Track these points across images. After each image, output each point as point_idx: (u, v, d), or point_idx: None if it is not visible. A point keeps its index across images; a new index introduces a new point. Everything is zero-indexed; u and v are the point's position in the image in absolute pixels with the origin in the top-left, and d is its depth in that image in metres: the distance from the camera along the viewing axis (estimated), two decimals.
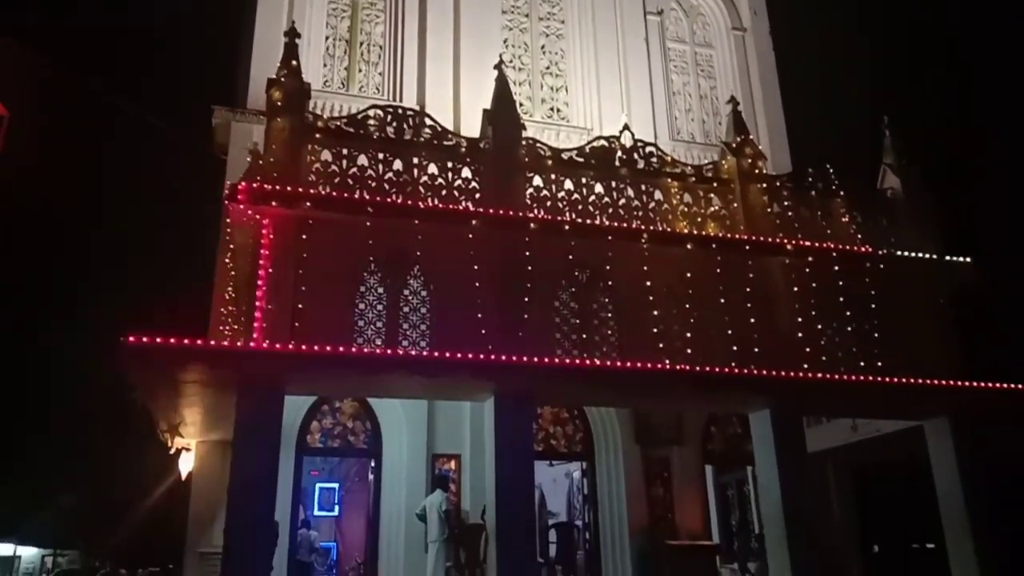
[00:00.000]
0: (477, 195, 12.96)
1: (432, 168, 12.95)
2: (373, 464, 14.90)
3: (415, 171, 12.86)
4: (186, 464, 14.81)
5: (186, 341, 10.21)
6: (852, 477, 17.07)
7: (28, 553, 32.22)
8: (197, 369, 10.36)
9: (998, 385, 13.47)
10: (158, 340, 10.06)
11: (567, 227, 12.99)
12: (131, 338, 10.00)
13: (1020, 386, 13.52)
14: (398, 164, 12.84)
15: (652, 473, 15.66)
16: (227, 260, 13.05)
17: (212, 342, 11.04)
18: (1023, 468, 15.98)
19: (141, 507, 24.88)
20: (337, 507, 21.81)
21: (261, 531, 10.51)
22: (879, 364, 13.91)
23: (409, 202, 12.44)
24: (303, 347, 10.66)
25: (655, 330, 12.99)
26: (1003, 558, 13.21)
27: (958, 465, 13.63)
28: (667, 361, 12.48)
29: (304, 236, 11.92)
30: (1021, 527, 14.49)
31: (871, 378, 13.30)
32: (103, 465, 26.78)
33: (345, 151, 12.61)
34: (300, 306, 11.57)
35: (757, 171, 14.70)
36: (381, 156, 12.76)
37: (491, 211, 12.65)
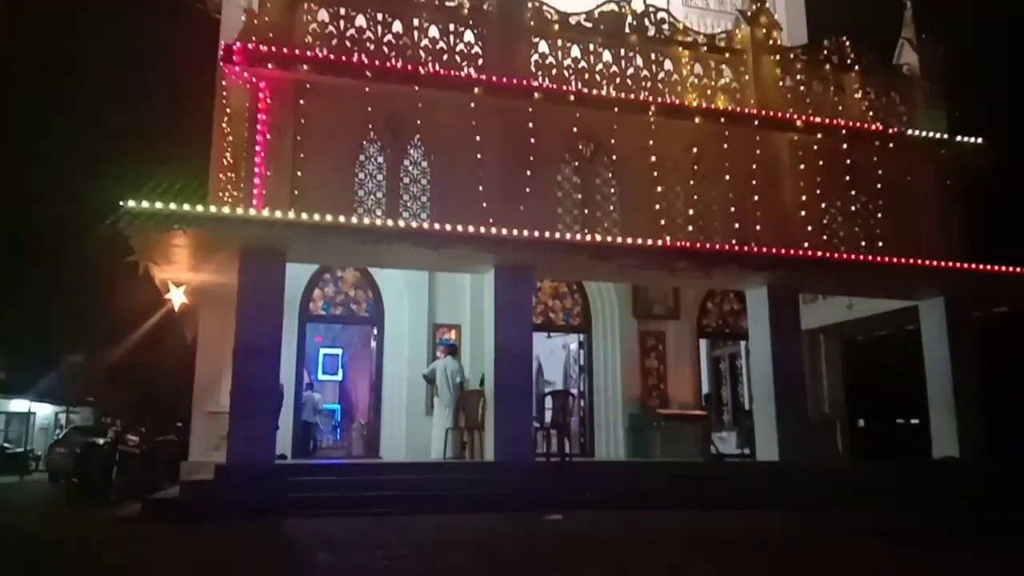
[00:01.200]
0: (480, 61, 12.56)
1: (433, 31, 12.48)
2: (376, 332, 15.18)
3: (415, 34, 12.40)
4: (191, 328, 15.09)
5: (186, 207, 10.16)
6: (843, 354, 17.47)
7: (43, 411, 33.45)
8: (198, 235, 10.36)
9: (995, 268, 13.53)
10: (158, 205, 10.03)
11: (572, 97, 12.66)
12: (131, 203, 9.96)
13: (1017, 269, 13.58)
14: (397, 26, 12.37)
15: (647, 346, 16.00)
16: (224, 126, 12.81)
17: (212, 208, 10.95)
18: (1012, 349, 16.33)
19: (148, 367, 25.63)
20: (341, 372, 22.49)
21: (266, 393, 10.83)
22: (880, 244, 13.93)
23: (409, 67, 12.07)
24: (304, 216, 10.62)
25: (657, 206, 12.90)
26: (981, 434, 13.71)
27: (949, 344, 13.91)
28: (668, 238, 12.46)
29: (302, 101, 11.65)
30: (1001, 406, 14.96)
31: (871, 258, 13.32)
32: (110, 327, 27.35)
33: (342, 11, 12.13)
34: (299, 174, 11.46)
35: (771, 42, 14.19)
36: (380, 17, 12.28)
37: (494, 79, 12.29)
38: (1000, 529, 8.88)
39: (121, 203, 10.00)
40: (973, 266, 13.48)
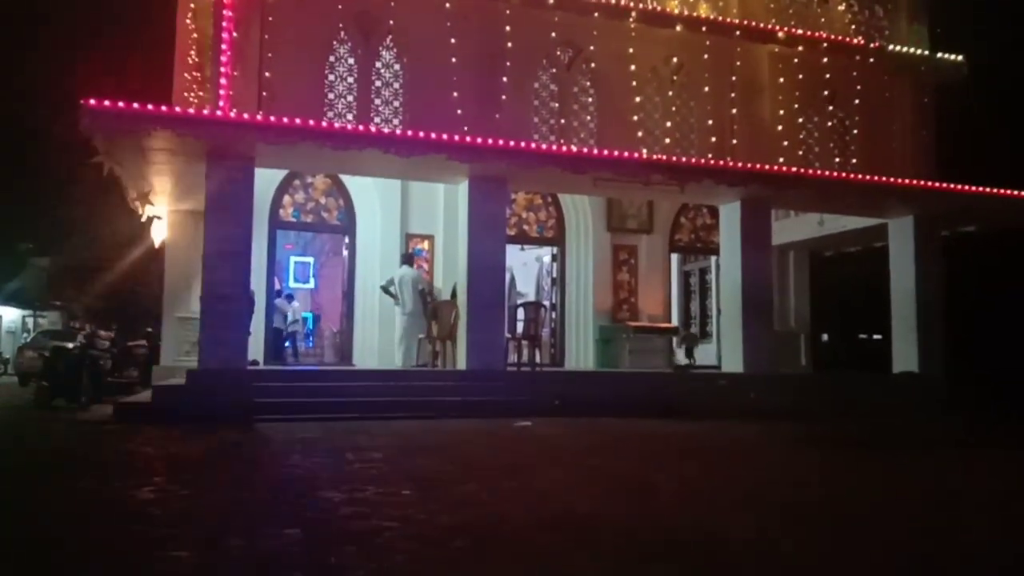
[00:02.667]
0: None
1: None
2: (347, 240, 15.05)
3: None
4: (159, 232, 14.83)
5: (150, 106, 9.82)
6: (811, 269, 17.72)
7: (10, 315, 33.10)
8: (163, 136, 10.04)
9: (966, 188, 13.65)
10: (121, 104, 9.67)
11: (551, 0, 12.27)
12: (92, 101, 9.59)
13: (987, 189, 13.72)
14: None
15: (619, 259, 16.07)
16: (188, 21, 12.26)
17: (178, 108, 10.59)
18: (976, 268, 16.67)
19: (116, 272, 25.28)
20: (313, 280, 22.41)
21: (237, 298, 10.76)
22: (854, 161, 13.97)
23: None
24: (272, 118, 10.33)
25: (635, 117, 12.77)
26: (941, 350, 14.12)
27: (915, 263, 14.14)
28: (644, 150, 12.37)
29: None
30: (963, 323, 15.37)
31: (844, 175, 13.36)
32: (76, 230, 26.84)
33: None
34: (267, 74, 11.11)
35: None
36: None
37: None
38: (943, 438, 9.25)
39: (82, 102, 9.63)
40: (944, 185, 13.59)
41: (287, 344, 17.82)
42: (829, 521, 4.35)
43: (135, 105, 9.70)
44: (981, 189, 13.67)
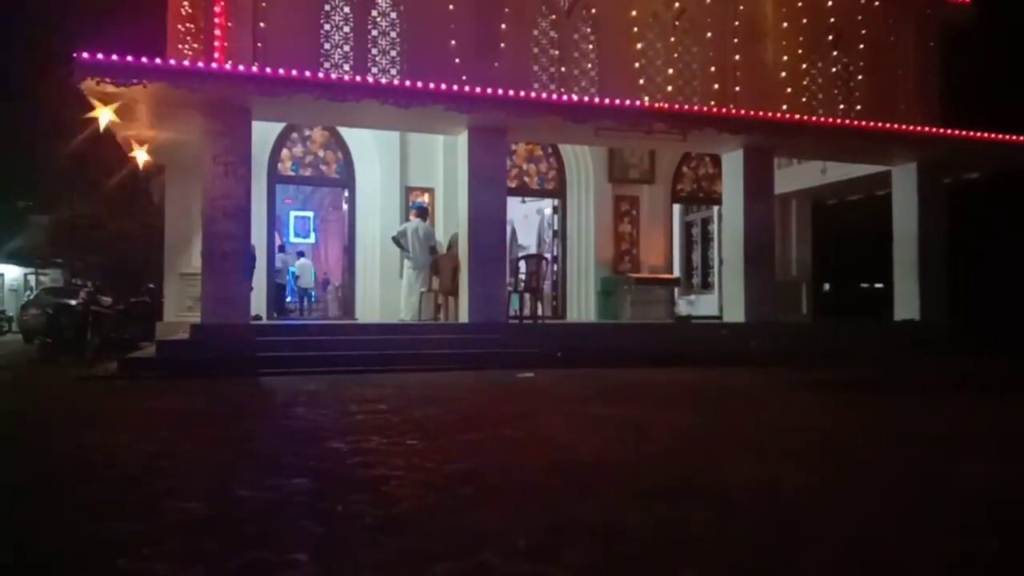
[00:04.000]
0: None
1: None
2: (347, 194, 14.96)
3: None
4: (158, 187, 14.75)
5: (144, 59, 9.67)
6: (813, 218, 17.65)
7: (12, 273, 33.12)
8: (158, 88, 9.91)
9: (969, 133, 13.51)
10: (114, 57, 9.53)
11: None
12: (85, 55, 9.45)
13: (991, 134, 13.57)
14: None
15: (621, 210, 16.00)
16: None
17: (173, 61, 10.43)
18: (979, 215, 16.59)
19: (116, 228, 25.18)
20: (313, 234, 22.36)
21: (238, 252, 10.75)
22: (858, 107, 13.79)
23: None
24: (267, 70, 10.17)
25: (636, 64, 12.57)
26: (943, 297, 14.14)
27: (918, 210, 14.10)
28: (646, 98, 12.21)
29: None
30: (965, 270, 15.36)
31: (848, 122, 13.21)
32: (75, 187, 26.69)
33: None
34: (262, 25, 10.92)
35: None
36: None
37: None
38: (942, 383, 9.31)
39: (75, 55, 9.49)
40: (948, 132, 13.45)
41: (290, 298, 17.88)
42: (827, 463, 4.39)
43: (128, 58, 9.56)
44: (985, 134, 13.53)
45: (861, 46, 13.79)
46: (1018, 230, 17.27)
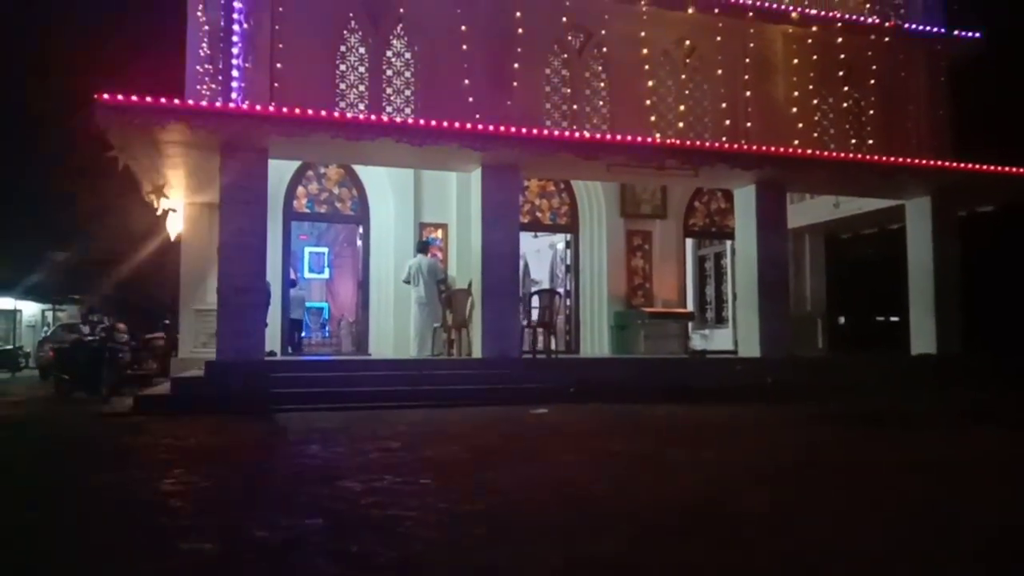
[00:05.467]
0: None
1: None
2: (361, 230, 15.08)
3: None
4: (174, 225, 14.92)
5: (163, 100, 9.86)
6: (827, 252, 17.60)
7: (29, 309, 33.44)
8: (177, 129, 10.09)
9: (982, 167, 13.49)
10: (134, 99, 9.72)
11: None
12: (106, 96, 9.65)
13: (1004, 167, 13.54)
14: None
15: (634, 245, 16.02)
16: (199, 13, 12.27)
17: (191, 101, 10.64)
18: (993, 247, 16.50)
19: (132, 265, 25.45)
20: (328, 270, 22.51)
21: (253, 289, 10.83)
22: (870, 142, 13.83)
23: None
24: (284, 109, 10.34)
25: (648, 102, 12.69)
26: (959, 331, 14.01)
27: (933, 244, 14.02)
28: (657, 135, 12.30)
29: None
30: (980, 303, 15.23)
31: (860, 156, 13.24)
32: (93, 224, 27.01)
33: None
34: (279, 66, 11.12)
35: None
36: None
37: None
38: (959, 417, 9.19)
39: (96, 97, 9.69)
40: (961, 165, 13.44)
41: (305, 334, 17.94)
42: (842, 500, 4.33)
43: (148, 99, 9.75)
44: (997, 168, 13.51)
45: (872, 81, 13.87)
46: None
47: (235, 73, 10.85)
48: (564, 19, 12.30)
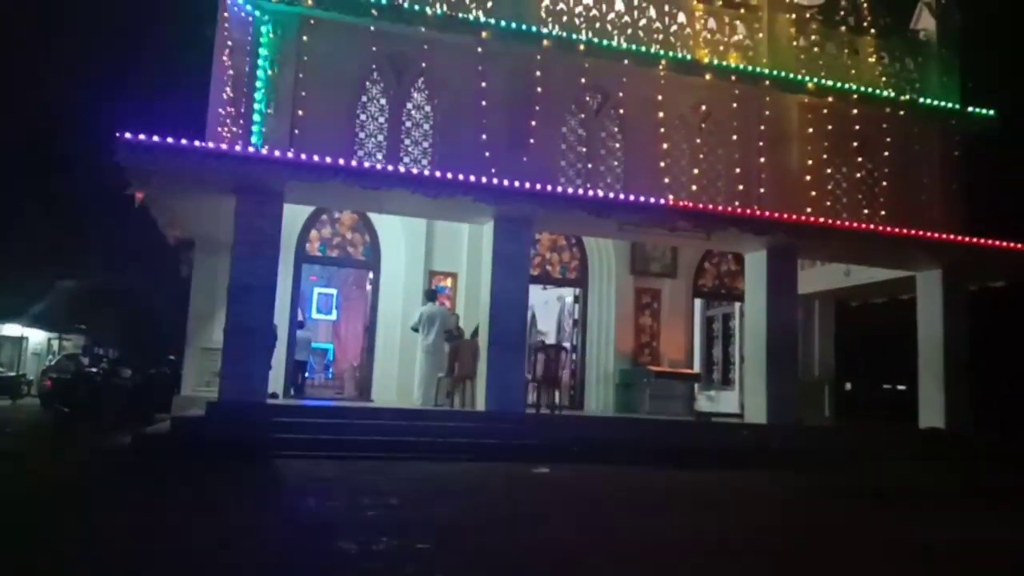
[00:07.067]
0: (489, 3, 12.25)
1: None
2: (371, 276, 15.11)
3: None
4: (187, 262, 15.00)
5: (183, 140, 10.00)
6: (836, 319, 17.52)
7: (36, 336, 33.48)
8: (195, 169, 10.20)
9: (995, 243, 13.50)
10: (156, 138, 9.85)
11: (582, 47, 12.40)
12: (128, 135, 9.79)
13: (1016, 245, 13.54)
14: None
15: (642, 303, 15.97)
16: (225, 58, 12.51)
17: (210, 144, 10.77)
18: (1004, 323, 16.40)
19: (141, 300, 25.53)
20: (335, 312, 22.49)
21: (260, 332, 10.82)
22: (882, 213, 13.86)
23: (416, 6, 11.76)
24: (303, 155, 10.45)
25: (662, 164, 12.78)
26: (968, 406, 13.86)
27: (943, 317, 13.94)
28: (671, 196, 12.35)
29: (305, 37, 11.39)
30: (990, 378, 15.09)
31: (872, 227, 13.26)
32: (104, 256, 27.18)
33: None
34: (300, 112, 11.27)
35: (787, 0, 13.90)
36: None
37: (503, 23, 12.00)
38: (964, 496, 9.02)
39: (118, 134, 9.83)
40: (973, 240, 13.45)
41: (308, 375, 17.84)
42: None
43: (169, 140, 9.88)
44: (1008, 243, 13.51)
45: (886, 153, 13.97)
46: None
47: (256, 118, 11.01)
48: (583, 80, 12.49)
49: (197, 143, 10.17)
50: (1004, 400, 16.03)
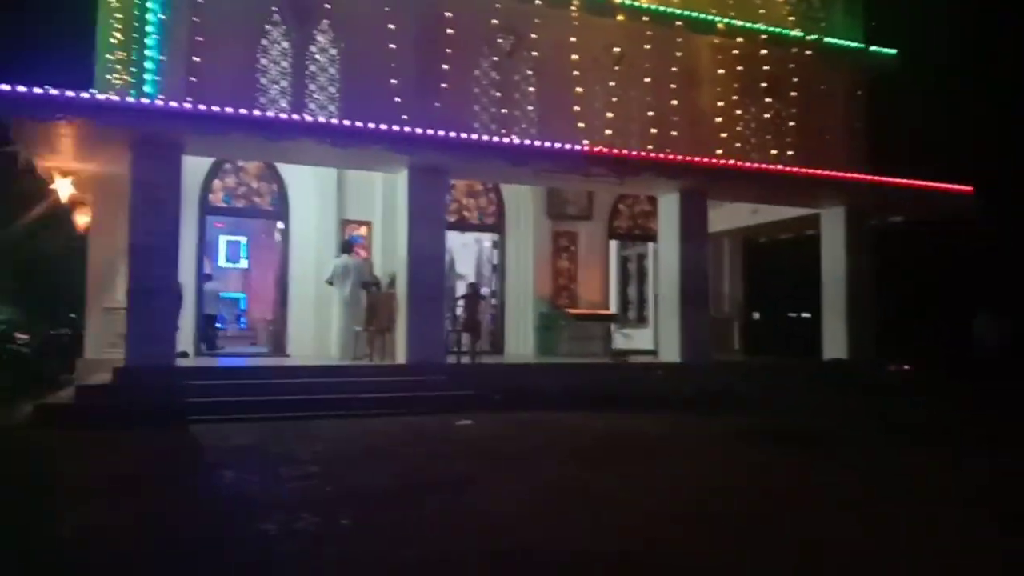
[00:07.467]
0: None
1: None
2: (281, 226, 14.61)
3: None
4: (82, 218, 14.14)
5: (68, 92, 9.27)
6: (745, 255, 18.06)
7: None
8: (85, 125, 9.52)
9: (895, 180, 14.03)
10: (37, 90, 9.10)
11: None
12: (5, 87, 9.01)
13: (914, 182, 14.11)
14: None
15: (560, 246, 16.04)
16: (112, 0, 11.60)
17: (99, 95, 10.03)
18: (901, 257, 17.22)
19: (34, 250, 23.99)
20: (245, 260, 21.76)
21: (164, 294, 10.37)
22: (790, 152, 14.18)
23: None
24: (202, 106, 9.88)
25: (576, 108, 12.66)
26: (869, 336, 14.61)
27: (846, 252, 14.54)
28: (586, 142, 12.29)
29: None
30: (889, 310, 15.89)
31: (780, 168, 13.57)
32: None
33: None
34: (196, 59, 10.60)
35: None
36: None
37: None
38: (862, 432, 9.56)
39: None
40: (875, 179, 13.93)
41: (220, 326, 17.27)
42: (753, 532, 4.41)
43: (52, 91, 9.15)
44: (908, 181, 14.07)
45: (793, 93, 14.25)
46: (938, 274, 18.01)
47: (149, 65, 10.31)
48: (494, 21, 12.15)
49: (84, 95, 9.45)
50: (902, 331, 16.95)
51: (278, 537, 4.42)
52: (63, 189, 11.90)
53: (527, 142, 11.82)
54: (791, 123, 14.29)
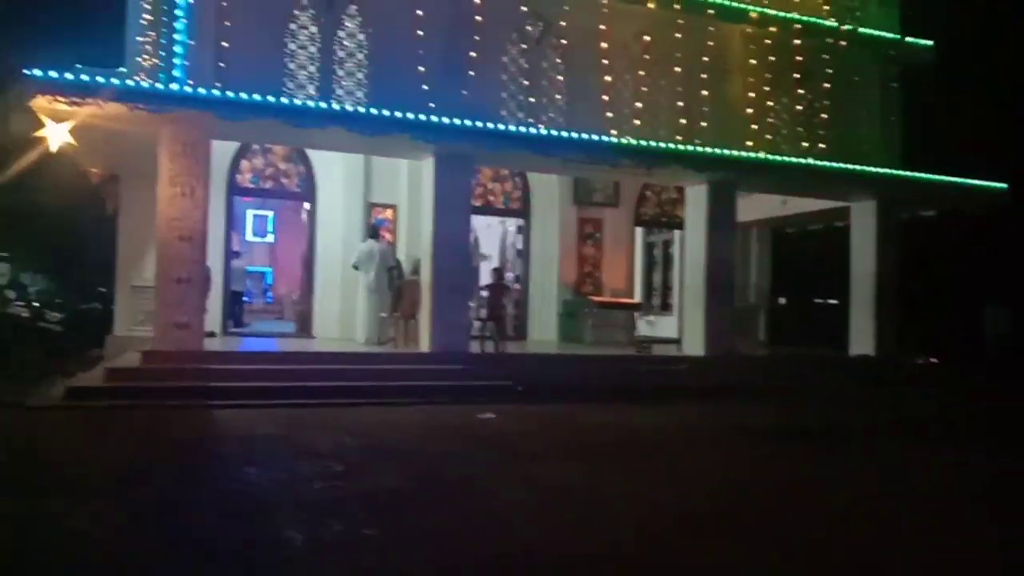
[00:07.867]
0: None
1: None
2: (308, 207, 14.69)
3: None
4: (113, 197, 14.30)
5: (100, 78, 9.34)
6: (772, 245, 17.88)
7: None
8: (113, 108, 9.57)
9: (927, 175, 13.78)
10: (68, 76, 9.18)
11: None
12: (37, 72, 9.09)
13: (947, 177, 13.85)
14: None
15: (585, 233, 16.00)
16: None
17: (130, 81, 10.09)
18: (930, 250, 16.96)
19: (67, 229, 24.27)
20: (272, 234, 21.91)
21: (193, 280, 10.49)
22: (821, 145, 13.96)
23: None
24: (230, 93, 9.90)
25: (605, 97, 12.51)
26: (896, 332, 14.45)
27: (876, 245, 14.34)
28: (614, 132, 12.18)
29: None
30: (918, 304, 15.70)
31: (810, 161, 13.36)
32: (26, 186, 25.64)
33: None
34: (225, 44, 10.60)
35: None
36: None
37: None
38: (886, 429, 9.49)
39: (25, 70, 9.12)
40: (907, 173, 13.70)
41: (247, 299, 17.44)
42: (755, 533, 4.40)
43: (83, 76, 9.23)
44: (940, 176, 13.81)
45: (826, 85, 13.97)
46: (968, 268, 17.73)
47: (177, 49, 10.33)
48: (523, 8, 12.00)
49: (115, 81, 9.51)
50: (930, 326, 16.74)
51: (283, 541, 4.49)
52: (59, 136, 11.70)
53: (554, 132, 11.73)
54: (823, 115, 14.04)
